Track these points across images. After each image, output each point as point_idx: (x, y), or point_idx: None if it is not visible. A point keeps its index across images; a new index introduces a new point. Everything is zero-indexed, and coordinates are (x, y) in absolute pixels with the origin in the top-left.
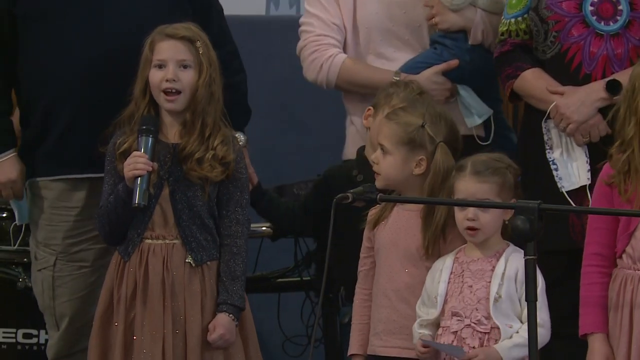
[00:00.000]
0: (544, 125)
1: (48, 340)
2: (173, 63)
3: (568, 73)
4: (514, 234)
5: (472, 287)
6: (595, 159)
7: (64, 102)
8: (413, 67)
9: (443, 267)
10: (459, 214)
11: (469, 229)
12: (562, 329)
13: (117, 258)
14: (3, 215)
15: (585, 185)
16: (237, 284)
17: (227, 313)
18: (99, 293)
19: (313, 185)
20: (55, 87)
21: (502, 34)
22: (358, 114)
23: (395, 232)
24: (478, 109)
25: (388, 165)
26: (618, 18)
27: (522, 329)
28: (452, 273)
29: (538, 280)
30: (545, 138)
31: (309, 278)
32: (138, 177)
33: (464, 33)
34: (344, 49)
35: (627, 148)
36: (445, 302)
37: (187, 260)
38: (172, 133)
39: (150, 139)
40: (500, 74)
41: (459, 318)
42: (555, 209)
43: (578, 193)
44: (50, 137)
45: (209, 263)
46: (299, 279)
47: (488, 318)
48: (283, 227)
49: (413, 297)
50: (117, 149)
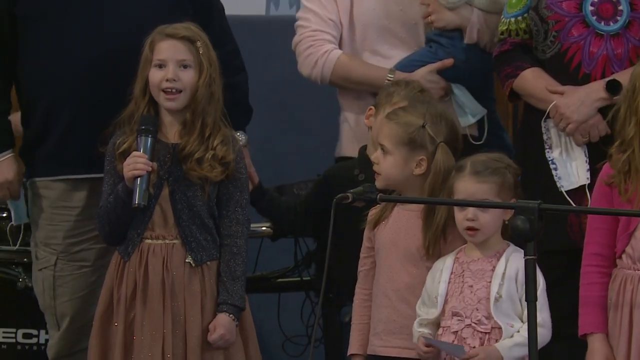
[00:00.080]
0: (544, 125)
1: (48, 340)
2: (173, 63)
3: (567, 73)
4: (514, 234)
5: (472, 287)
6: (595, 159)
7: (64, 102)
8: (408, 65)
9: (443, 267)
10: (459, 214)
11: (469, 229)
12: (562, 329)
13: (117, 258)
14: (3, 216)
15: (585, 185)
16: (237, 284)
17: (227, 313)
18: (100, 293)
19: (313, 185)
20: (55, 87)
21: (501, 33)
22: (352, 111)
23: (396, 232)
24: (472, 109)
25: (388, 165)
26: (618, 18)
27: (523, 329)
28: (452, 273)
29: (538, 280)
30: (545, 137)
31: (309, 278)
32: (138, 177)
33: (460, 32)
34: (340, 45)
35: (627, 148)
36: (446, 302)
37: (187, 260)
38: (172, 133)
39: (150, 139)
40: (500, 73)
41: (460, 318)
42: (555, 209)
43: (577, 193)
44: (51, 137)
45: (209, 263)
46: (299, 279)
47: (488, 318)
48: (284, 226)
49: (413, 297)
50: (116, 149)
